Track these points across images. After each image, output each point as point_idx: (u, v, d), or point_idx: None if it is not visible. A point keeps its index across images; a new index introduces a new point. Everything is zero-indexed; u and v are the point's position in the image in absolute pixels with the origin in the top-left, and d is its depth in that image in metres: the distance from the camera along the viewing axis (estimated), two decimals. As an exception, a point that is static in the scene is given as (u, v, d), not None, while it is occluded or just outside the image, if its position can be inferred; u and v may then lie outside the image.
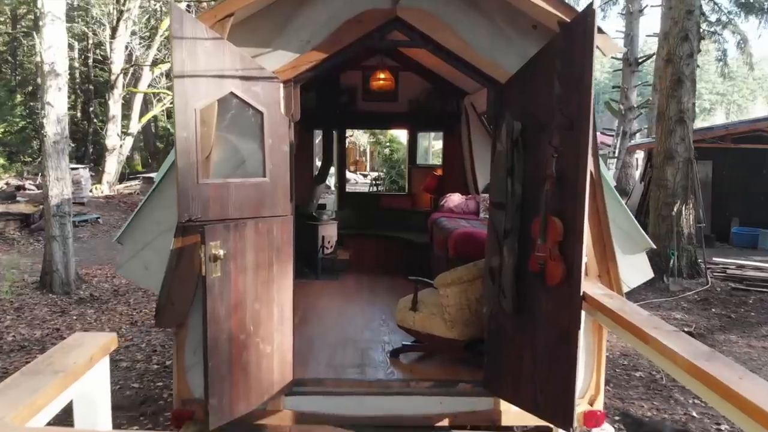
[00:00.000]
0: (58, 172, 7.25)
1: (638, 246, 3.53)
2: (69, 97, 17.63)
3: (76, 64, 21.62)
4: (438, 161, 12.91)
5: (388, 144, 17.81)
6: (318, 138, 8.37)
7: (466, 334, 3.66)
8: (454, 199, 6.46)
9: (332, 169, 7.92)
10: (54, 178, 7.22)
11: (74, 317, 6.49)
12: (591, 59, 2.60)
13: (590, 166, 2.72)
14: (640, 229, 3.65)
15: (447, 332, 3.65)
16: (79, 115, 22.75)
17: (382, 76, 6.36)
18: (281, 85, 3.13)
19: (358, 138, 21.94)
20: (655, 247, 4.15)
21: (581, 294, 2.71)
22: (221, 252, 2.76)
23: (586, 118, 2.64)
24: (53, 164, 7.21)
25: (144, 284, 4.32)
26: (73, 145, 18.26)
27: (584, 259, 2.76)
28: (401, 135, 17.01)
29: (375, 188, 16.74)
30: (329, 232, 6.59)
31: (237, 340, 2.93)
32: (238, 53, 2.93)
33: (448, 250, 4.92)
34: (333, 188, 7.38)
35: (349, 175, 24.46)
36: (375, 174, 19.80)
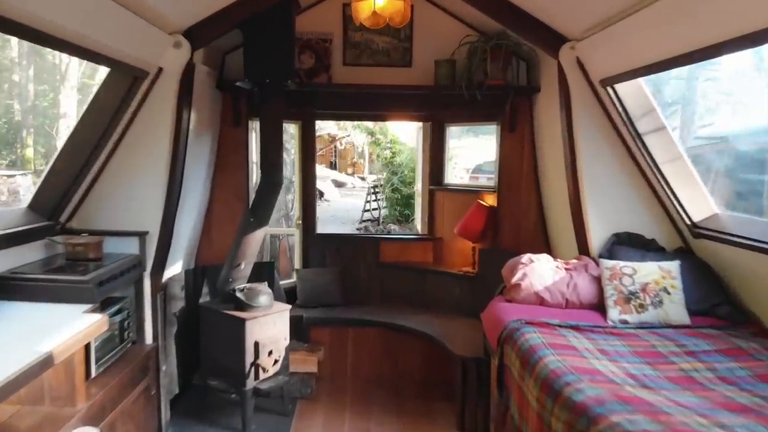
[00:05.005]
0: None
1: None
2: None
3: None
4: (468, 174, 8.99)
5: (389, 145, 14.15)
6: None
7: None
8: (541, 270, 2.93)
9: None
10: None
11: None
12: None
13: None
14: None
15: None
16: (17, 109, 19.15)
17: (380, -11, 2.84)
18: None
19: (355, 136, 18.29)
20: None
21: None
22: None
23: None
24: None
25: None
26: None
27: None
28: (405, 132, 13.46)
29: (373, 196, 13.29)
30: (270, 330, 3.16)
31: None
32: None
33: None
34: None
35: (345, 178, 21.06)
36: (374, 177, 16.37)
